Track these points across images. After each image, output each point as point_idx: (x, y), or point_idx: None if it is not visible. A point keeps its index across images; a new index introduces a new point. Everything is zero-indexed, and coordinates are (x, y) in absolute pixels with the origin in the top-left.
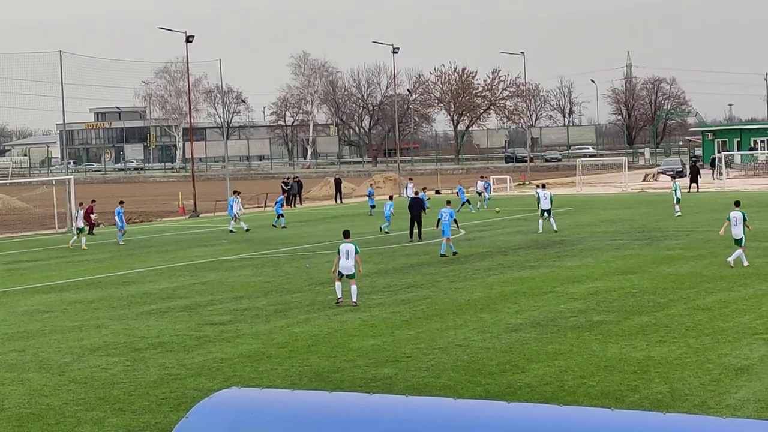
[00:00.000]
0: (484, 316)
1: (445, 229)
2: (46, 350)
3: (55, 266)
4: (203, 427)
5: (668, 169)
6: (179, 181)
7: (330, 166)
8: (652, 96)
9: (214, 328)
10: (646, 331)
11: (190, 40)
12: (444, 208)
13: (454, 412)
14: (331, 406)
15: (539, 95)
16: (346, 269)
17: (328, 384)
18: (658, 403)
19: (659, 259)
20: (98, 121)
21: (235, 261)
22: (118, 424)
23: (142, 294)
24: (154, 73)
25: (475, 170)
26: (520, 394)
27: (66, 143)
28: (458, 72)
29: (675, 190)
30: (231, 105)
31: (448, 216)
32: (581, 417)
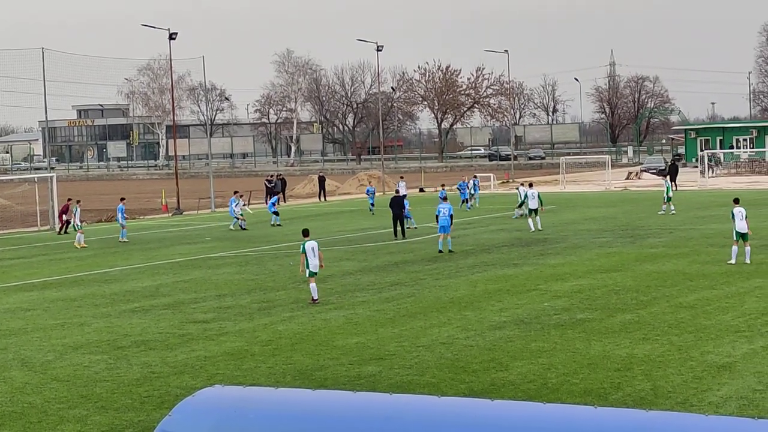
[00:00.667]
0: (468, 313)
1: (446, 225)
2: (29, 348)
3: (38, 264)
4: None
5: (651, 167)
6: (162, 178)
7: (314, 163)
8: (635, 94)
9: (197, 326)
10: (630, 329)
11: (174, 37)
12: (442, 204)
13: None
14: (315, 404)
15: (523, 93)
16: (315, 267)
17: (312, 382)
18: (641, 401)
19: (642, 257)
20: (81, 119)
21: (219, 259)
22: (100, 422)
23: (126, 292)
24: (137, 70)
25: (459, 168)
26: (504, 391)
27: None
28: (442, 70)
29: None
30: (214, 102)
31: (447, 211)
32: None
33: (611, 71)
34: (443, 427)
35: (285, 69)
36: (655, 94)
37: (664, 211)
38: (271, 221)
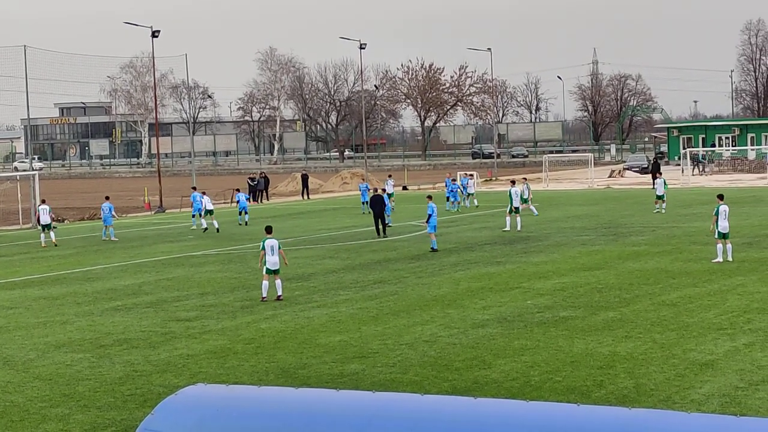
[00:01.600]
0: (450, 311)
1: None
2: (10, 347)
3: (20, 262)
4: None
5: (634, 165)
6: (145, 176)
7: (297, 161)
8: (617, 92)
9: (180, 324)
10: (612, 327)
11: (156, 35)
12: (432, 203)
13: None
14: (298, 402)
15: (506, 91)
16: (274, 264)
17: (295, 380)
18: (623, 399)
19: (625, 254)
20: (63, 116)
21: (201, 257)
22: (83, 420)
23: (108, 290)
24: (119, 68)
25: (443, 166)
26: (487, 389)
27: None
28: (425, 68)
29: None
30: (197, 100)
31: (435, 211)
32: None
33: (594, 69)
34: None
35: (268, 67)
36: (638, 93)
37: (658, 209)
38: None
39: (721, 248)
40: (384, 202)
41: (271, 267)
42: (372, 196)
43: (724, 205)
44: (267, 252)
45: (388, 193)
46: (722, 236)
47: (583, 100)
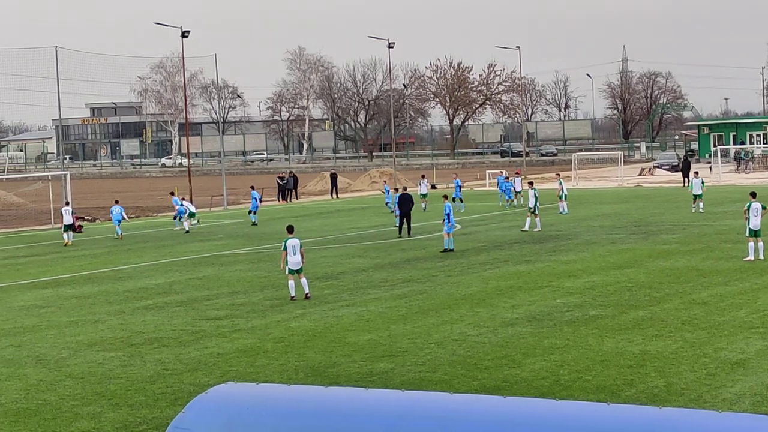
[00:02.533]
0: (480, 310)
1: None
2: (43, 345)
3: (52, 262)
4: (200, 422)
5: (664, 163)
6: (175, 176)
7: (326, 161)
8: (647, 90)
9: (210, 323)
10: (642, 326)
11: (186, 36)
12: (447, 203)
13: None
14: (328, 401)
15: (535, 90)
16: (295, 264)
17: (325, 379)
18: (654, 398)
19: (655, 253)
20: (94, 117)
21: (231, 256)
22: (114, 419)
23: (139, 289)
24: (149, 68)
25: (471, 165)
26: (516, 388)
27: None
28: (454, 67)
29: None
30: (227, 100)
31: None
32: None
33: (624, 67)
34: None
35: (297, 66)
36: (668, 90)
37: (696, 209)
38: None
39: (753, 246)
40: (412, 201)
41: (293, 267)
42: (401, 195)
43: (756, 203)
44: (288, 251)
45: (422, 193)
46: (754, 234)
47: (613, 98)
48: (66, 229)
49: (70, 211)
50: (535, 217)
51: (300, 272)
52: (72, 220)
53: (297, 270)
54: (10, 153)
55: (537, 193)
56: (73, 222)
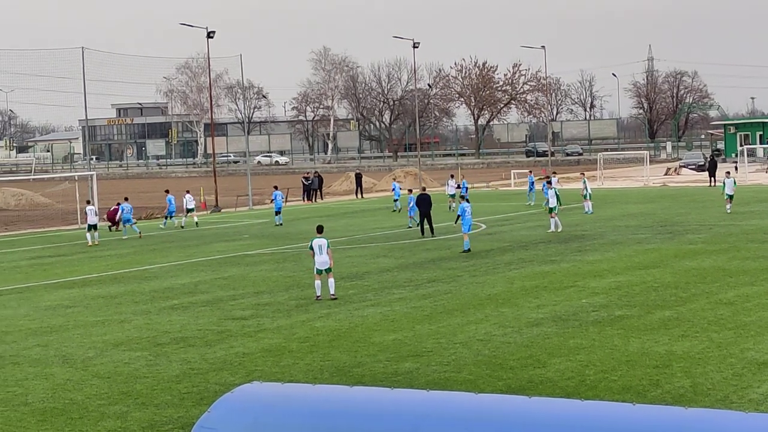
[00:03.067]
0: (505, 310)
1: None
2: (70, 345)
3: (78, 261)
4: (225, 421)
5: (690, 163)
6: (200, 176)
7: (350, 161)
8: (673, 89)
9: (235, 323)
10: (669, 326)
11: (212, 36)
12: (464, 203)
13: (475, 407)
14: (353, 401)
15: (560, 89)
16: (322, 264)
17: (350, 378)
18: (680, 398)
19: (681, 253)
20: (120, 117)
21: (256, 256)
22: (141, 418)
23: (165, 289)
24: (175, 68)
25: (496, 164)
26: (542, 388)
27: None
28: (479, 66)
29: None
30: (252, 100)
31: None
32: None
33: (649, 66)
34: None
35: (322, 66)
36: (694, 89)
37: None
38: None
39: None
40: (431, 201)
41: (320, 267)
42: (419, 195)
43: None
44: (315, 251)
45: (450, 194)
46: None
47: (639, 98)
48: (90, 229)
49: (94, 211)
50: (552, 217)
51: (328, 272)
52: (96, 220)
53: (324, 270)
54: (37, 153)
55: (557, 192)
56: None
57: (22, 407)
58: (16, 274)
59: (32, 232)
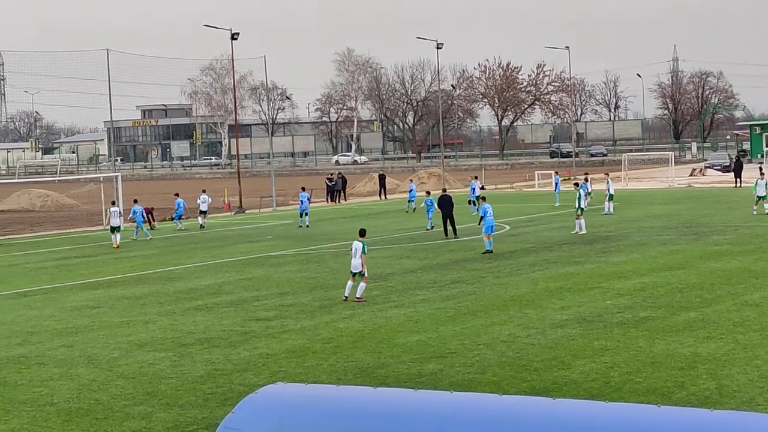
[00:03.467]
0: (529, 312)
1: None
2: (95, 345)
3: (103, 262)
4: (249, 422)
5: (715, 163)
6: (225, 177)
7: (374, 162)
8: (698, 90)
9: (259, 324)
10: (694, 327)
11: (236, 38)
12: (486, 204)
13: (499, 408)
14: (377, 402)
15: (584, 90)
16: (355, 267)
17: (373, 379)
18: (705, 400)
19: (706, 254)
20: (145, 119)
21: (280, 257)
22: (165, 419)
23: (189, 290)
24: (199, 70)
25: (520, 165)
26: (566, 390)
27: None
28: (502, 67)
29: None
30: (276, 102)
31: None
32: (628, 413)
33: (674, 67)
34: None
35: (345, 68)
36: (719, 90)
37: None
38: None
39: None
40: (452, 202)
41: (352, 269)
42: (441, 197)
43: None
44: (352, 254)
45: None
46: None
47: (663, 98)
48: (113, 231)
49: (118, 212)
50: (578, 218)
51: (361, 276)
52: (119, 222)
53: (355, 273)
54: (63, 155)
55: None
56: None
57: (47, 407)
58: (41, 274)
59: (58, 233)
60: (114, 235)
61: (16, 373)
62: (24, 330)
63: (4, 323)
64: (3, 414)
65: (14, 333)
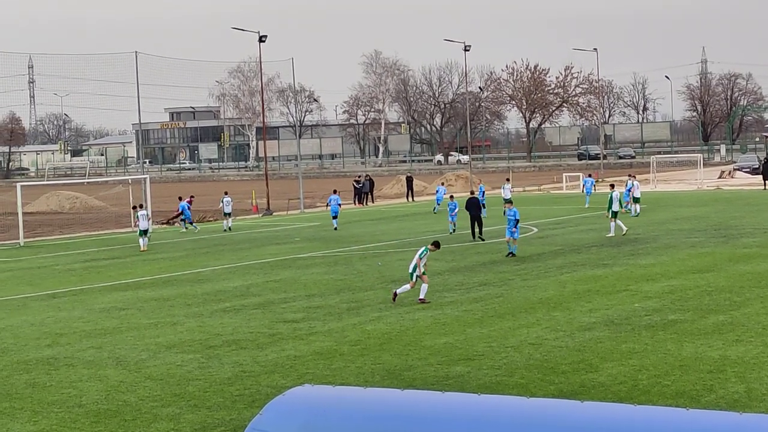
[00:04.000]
0: (556, 314)
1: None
2: (123, 347)
3: (132, 264)
4: (277, 424)
5: (744, 166)
6: (252, 179)
7: (401, 164)
8: (727, 92)
9: (287, 326)
10: (723, 330)
11: (263, 40)
12: (514, 208)
13: (527, 411)
14: (404, 404)
15: (612, 92)
16: (411, 269)
17: (401, 382)
18: (734, 403)
19: (736, 257)
20: (173, 121)
21: (308, 259)
22: (193, 420)
23: (217, 292)
24: (227, 72)
25: (548, 167)
26: (594, 393)
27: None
28: (530, 69)
29: None
30: (303, 104)
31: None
32: (656, 416)
33: (703, 69)
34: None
35: (373, 70)
36: (749, 92)
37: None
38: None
39: None
40: (479, 205)
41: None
42: (468, 199)
43: None
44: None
45: (506, 198)
46: None
47: (692, 100)
48: (141, 234)
49: (146, 215)
50: (612, 221)
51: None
52: (146, 225)
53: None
54: (92, 157)
55: (620, 195)
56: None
57: (76, 408)
58: (70, 276)
59: (86, 235)
60: (142, 239)
61: (45, 375)
62: (53, 331)
63: (34, 324)
64: (32, 415)
65: (43, 334)
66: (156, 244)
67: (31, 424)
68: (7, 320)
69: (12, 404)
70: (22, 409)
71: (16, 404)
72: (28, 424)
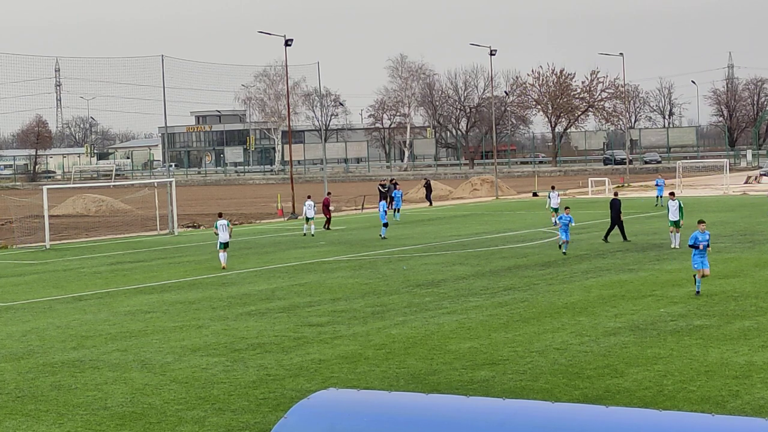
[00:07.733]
0: (582, 319)
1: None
2: (148, 350)
3: (157, 267)
4: (301, 427)
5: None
6: (278, 183)
7: (427, 168)
8: (754, 97)
9: (312, 330)
10: (748, 336)
11: (289, 44)
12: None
13: (552, 416)
14: (428, 408)
15: (638, 97)
16: None
17: (425, 386)
18: (760, 409)
19: (762, 262)
20: (199, 124)
21: (333, 263)
22: (218, 423)
23: (242, 295)
24: (253, 76)
25: (574, 172)
26: (619, 398)
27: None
28: (556, 74)
29: None
30: (329, 108)
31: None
32: (681, 422)
33: (729, 73)
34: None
35: (398, 74)
36: None
37: None
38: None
39: None
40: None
41: None
42: (611, 200)
43: None
44: None
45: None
46: None
47: (718, 105)
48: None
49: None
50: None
51: None
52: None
53: None
54: (118, 160)
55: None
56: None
57: (101, 411)
58: (96, 279)
59: (112, 237)
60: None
61: (70, 377)
62: (78, 334)
63: (60, 327)
64: (57, 417)
65: (69, 337)
66: (182, 247)
67: (56, 427)
68: (33, 323)
69: (37, 406)
70: (48, 412)
71: (42, 406)
72: (53, 427)
